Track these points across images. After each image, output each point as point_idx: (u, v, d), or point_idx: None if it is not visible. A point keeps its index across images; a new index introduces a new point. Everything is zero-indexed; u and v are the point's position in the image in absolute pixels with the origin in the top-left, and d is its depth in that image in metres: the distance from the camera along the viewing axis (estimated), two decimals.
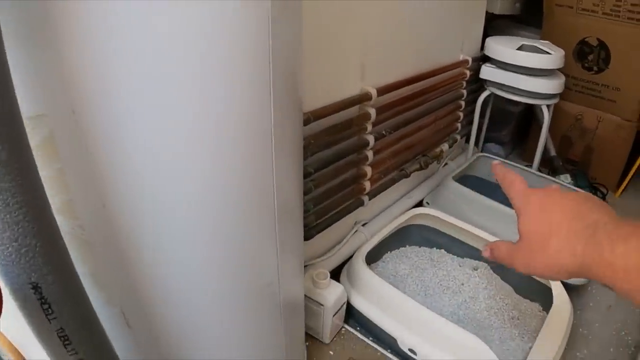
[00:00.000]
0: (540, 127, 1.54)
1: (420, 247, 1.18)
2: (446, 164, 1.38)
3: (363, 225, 1.06)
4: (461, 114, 1.32)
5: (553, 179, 1.29)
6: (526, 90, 1.25)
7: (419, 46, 1.04)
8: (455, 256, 1.16)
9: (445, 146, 1.26)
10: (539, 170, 1.39)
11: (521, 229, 0.41)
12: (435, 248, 1.18)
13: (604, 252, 0.33)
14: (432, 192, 1.25)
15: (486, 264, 1.14)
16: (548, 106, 1.30)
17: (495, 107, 1.53)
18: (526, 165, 1.64)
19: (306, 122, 0.74)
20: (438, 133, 1.21)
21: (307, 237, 0.89)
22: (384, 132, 0.93)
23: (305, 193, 0.82)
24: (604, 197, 1.47)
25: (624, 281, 0.32)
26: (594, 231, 0.35)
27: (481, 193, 1.34)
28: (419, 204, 1.22)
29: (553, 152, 1.49)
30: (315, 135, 0.78)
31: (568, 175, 1.40)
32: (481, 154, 1.35)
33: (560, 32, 1.48)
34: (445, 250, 1.17)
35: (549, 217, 0.38)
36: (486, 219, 1.17)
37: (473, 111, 1.39)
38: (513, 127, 1.65)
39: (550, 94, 1.28)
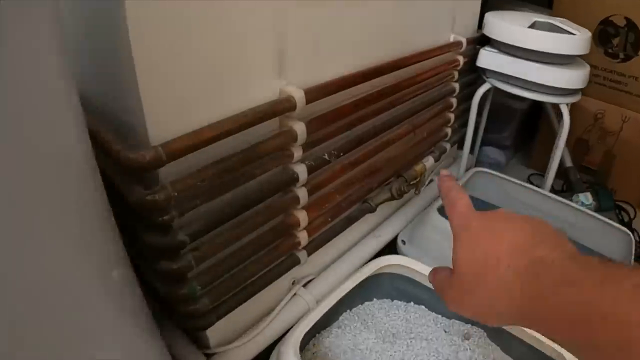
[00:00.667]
0: (552, 129, 1.19)
1: (392, 300, 0.84)
2: (432, 180, 1.01)
3: (305, 285, 0.71)
4: (452, 116, 0.96)
5: (567, 202, 0.93)
6: (541, 83, 0.89)
7: (386, 21, 0.67)
8: (440, 316, 0.81)
9: (429, 161, 0.90)
10: (552, 189, 1.02)
11: (454, 259, 0.32)
12: (412, 303, 0.83)
13: (548, 299, 0.26)
14: (411, 225, 0.89)
15: (482, 330, 0.79)
16: (567, 105, 0.94)
17: (495, 103, 1.17)
18: (532, 175, 1.30)
19: (155, 162, 0.38)
20: (419, 145, 0.84)
21: (203, 327, 0.54)
22: (325, 157, 0.57)
23: (185, 270, 0.46)
24: (630, 221, 1.11)
25: (569, 334, 0.25)
26: (539, 271, 0.27)
27: None
28: (392, 243, 0.86)
29: (569, 163, 1.13)
30: (189, 180, 0.42)
31: (588, 194, 1.04)
32: (478, 169, 0.99)
33: (578, 8, 1.14)
34: (427, 307, 0.82)
35: (488, 248, 0.30)
36: None
37: (467, 110, 1.03)
38: (516, 127, 1.29)
39: (571, 90, 0.92)
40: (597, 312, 0.23)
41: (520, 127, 1.32)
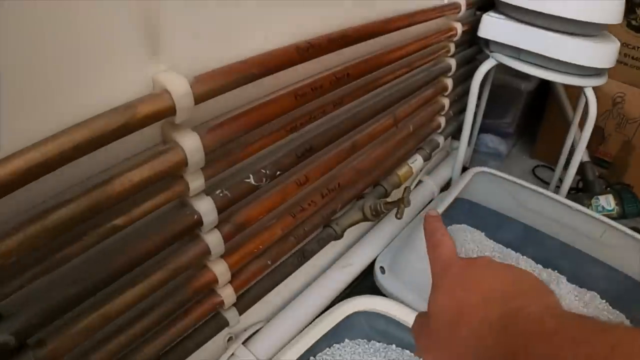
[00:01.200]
0: (563, 114, 0.98)
1: (369, 342, 0.64)
2: (420, 182, 0.81)
3: (247, 340, 0.50)
4: (447, 102, 0.74)
5: (587, 211, 0.71)
6: (563, 60, 0.67)
7: None
8: None
9: (416, 161, 0.69)
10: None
11: (429, 306, 0.30)
12: (394, 346, 0.64)
13: (517, 354, 0.23)
14: (391, 247, 0.68)
15: None
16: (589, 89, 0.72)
17: (496, 83, 0.95)
18: (538, 167, 1.10)
19: None
20: (403, 142, 0.63)
21: None
22: (250, 181, 0.36)
23: None
24: None
25: None
26: (511, 322, 0.25)
27: (477, 228, 0.79)
28: (367, 270, 0.65)
29: (586, 157, 0.92)
30: None
31: (610, 197, 0.84)
32: (479, 169, 0.78)
33: None
34: (411, 352, 0.64)
35: (464, 297, 0.28)
36: None
37: (466, 93, 0.81)
38: (520, 111, 1.08)
39: (598, 69, 0.71)
40: None
41: (525, 113, 1.11)
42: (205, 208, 0.33)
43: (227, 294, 0.40)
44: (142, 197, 0.29)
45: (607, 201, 0.83)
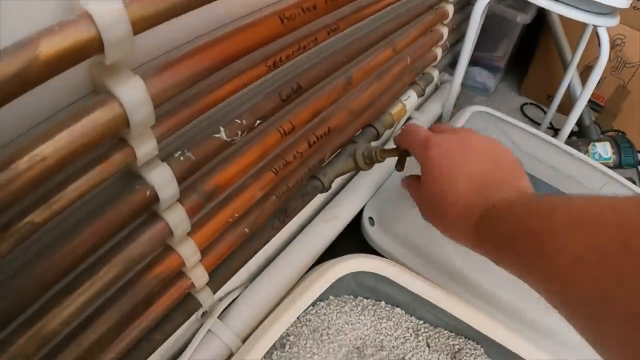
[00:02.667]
0: (561, 54, 0.90)
1: (356, 298, 0.59)
2: (410, 119, 0.72)
3: (223, 312, 0.43)
4: (445, 31, 0.64)
5: (590, 161, 0.65)
6: None
7: None
8: (421, 322, 0.58)
9: (410, 97, 0.60)
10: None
11: (422, 187, 0.35)
12: (383, 303, 0.59)
13: (491, 231, 0.30)
14: (379, 194, 0.60)
15: (476, 344, 0.56)
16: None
17: (489, 13, 0.84)
18: (526, 104, 1.03)
19: None
20: (399, 76, 0.53)
21: None
22: (221, 135, 0.26)
23: None
24: None
25: (507, 257, 0.29)
26: (489, 211, 0.30)
27: None
28: (354, 223, 0.58)
29: None
30: None
31: (607, 145, 0.78)
32: (477, 108, 0.70)
33: None
34: (402, 309, 0.59)
35: (449, 184, 0.33)
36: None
37: (464, 21, 0.71)
38: (513, 45, 0.98)
39: (615, 8, 0.61)
40: (522, 227, 0.26)
41: (517, 47, 1.01)
42: (161, 179, 0.23)
43: (198, 275, 0.32)
44: (67, 179, 0.20)
45: (605, 149, 0.77)
